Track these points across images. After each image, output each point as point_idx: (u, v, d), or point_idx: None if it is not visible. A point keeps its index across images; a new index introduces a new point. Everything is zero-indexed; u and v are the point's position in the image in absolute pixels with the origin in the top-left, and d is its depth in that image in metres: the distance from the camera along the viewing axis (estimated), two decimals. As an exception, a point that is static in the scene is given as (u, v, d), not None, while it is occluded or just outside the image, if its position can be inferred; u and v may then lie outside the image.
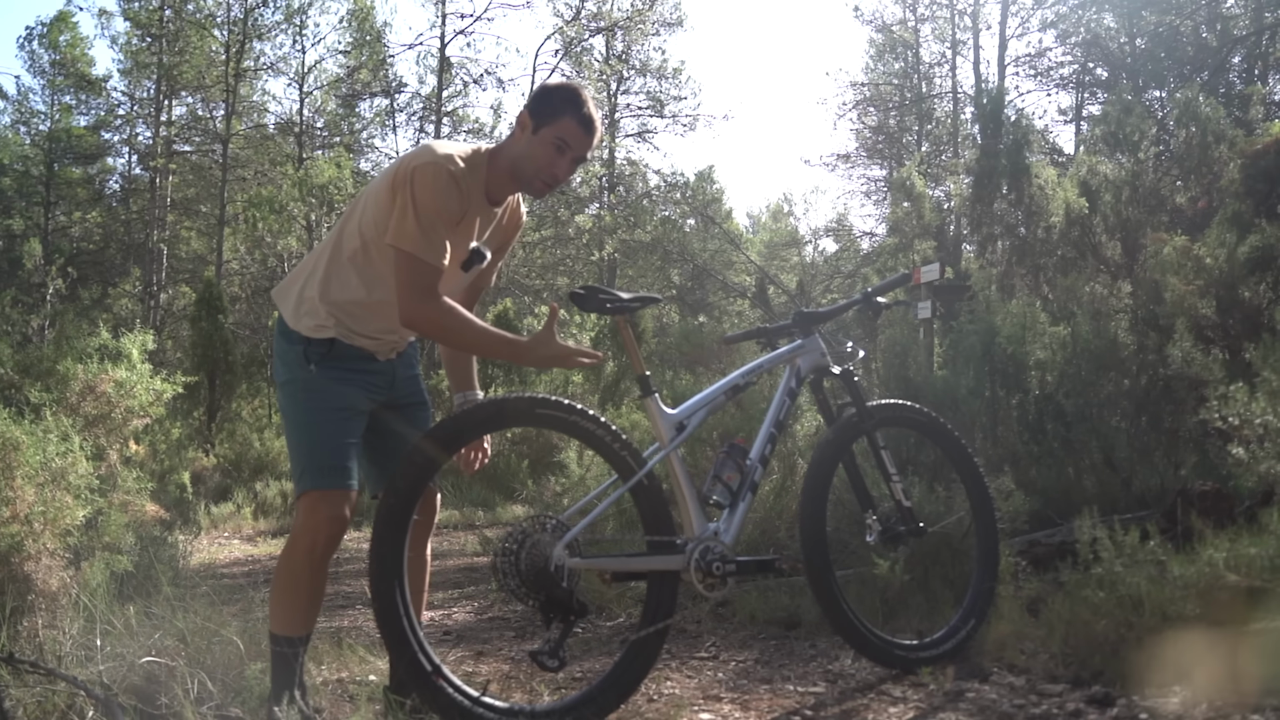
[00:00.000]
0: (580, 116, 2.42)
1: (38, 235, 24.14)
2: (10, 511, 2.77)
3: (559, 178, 2.47)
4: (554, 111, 2.42)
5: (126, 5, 23.00)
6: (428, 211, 2.29)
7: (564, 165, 2.45)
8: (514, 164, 2.45)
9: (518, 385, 11.88)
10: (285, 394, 2.47)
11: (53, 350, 5.08)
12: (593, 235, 23.68)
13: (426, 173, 2.30)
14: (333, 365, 2.43)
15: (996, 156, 7.27)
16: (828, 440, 2.97)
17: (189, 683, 2.62)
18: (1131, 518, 3.67)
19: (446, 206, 2.32)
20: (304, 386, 2.42)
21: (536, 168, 2.44)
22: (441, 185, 2.30)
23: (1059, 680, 2.67)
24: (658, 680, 3.02)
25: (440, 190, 2.30)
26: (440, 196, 2.30)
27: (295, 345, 2.44)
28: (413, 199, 2.29)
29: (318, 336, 2.43)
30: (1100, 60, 20.66)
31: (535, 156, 2.43)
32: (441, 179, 2.30)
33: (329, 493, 2.36)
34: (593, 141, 2.47)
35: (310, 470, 2.37)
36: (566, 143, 2.42)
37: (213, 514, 8.67)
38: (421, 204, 2.28)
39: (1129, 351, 4.88)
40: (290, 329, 2.46)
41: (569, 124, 2.42)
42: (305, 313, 2.45)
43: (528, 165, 2.44)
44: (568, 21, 23.67)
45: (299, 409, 2.43)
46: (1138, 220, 6.07)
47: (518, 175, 2.47)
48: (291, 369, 2.45)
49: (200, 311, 12.49)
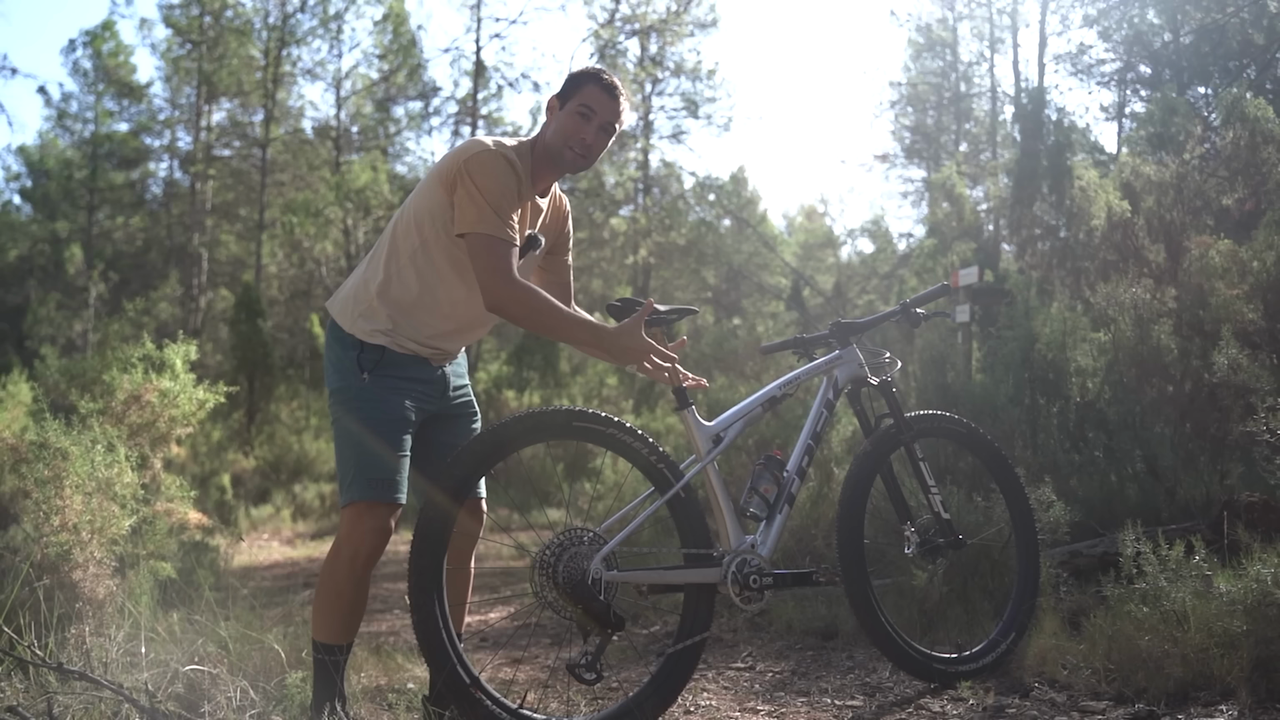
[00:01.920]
0: (601, 83, 2.50)
1: (81, 239, 24.56)
2: (59, 520, 2.82)
3: (589, 144, 2.51)
4: (576, 85, 2.51)
5: (167, 13, 23.34)
6: (493, 194, 2.35)
7: (591, 131, 2.50)
8: (548, 145, 2.51)
9: (553, 389, 11.92)
10: (337, 401, 2.47)
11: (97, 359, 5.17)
12: (628, 238, 23.69)
13: (484, 159, 2.37)
14: (386, 374, 2.43)
15: (1037, 157, 7.20)
16: (865, 452, 2.95)
17: (231, 691, 2.66)
18: (1176, 529, 3.61)
19: (509, 186, 2.39)
20: (357, 395, 2.42)
21: (565, 137, 2.49)
22: (501, 168, 2.38)
23: (1102, 697, 2.64)
24: (694, 691, 3.02)
25: (500, 172, 2.37)
26: (501, 177, 2.37)
27: (350, 351, 2.45)
28: (475, 185, 2.35)
29: (371, 342, 2.44)
30: (1143, 57, 20.34)
31: (564, 128, 2.49)
32: (500, 163, 2.38)
33: (376, 505, 2.38)
34: (618, 106, 2.52)
35: (359, 482, 2.38)
36: (591, 109, 2.48)
37: (252, 516, 8.79)
38: (485, 188, 2.34)
39: (1173, 357, 4.80)
40: (345, 333, 2.48)
41: (591, 90, 2.49)
42: (361, 314, 2.47)
43: (558, 139, 2.49)
44: (602, 24, 23.70)
45: (351, 419, 2.43)
46: (1182, 223, 5.97)
47: (552, 154, 2.51)
48: (345, 376, 2.45)
49: (239, 314, 12.67)
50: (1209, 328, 4.77)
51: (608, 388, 13.26)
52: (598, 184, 23.90)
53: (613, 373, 14.30)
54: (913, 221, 26.56)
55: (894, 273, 21.46)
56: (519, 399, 10.90)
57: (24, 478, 3.12)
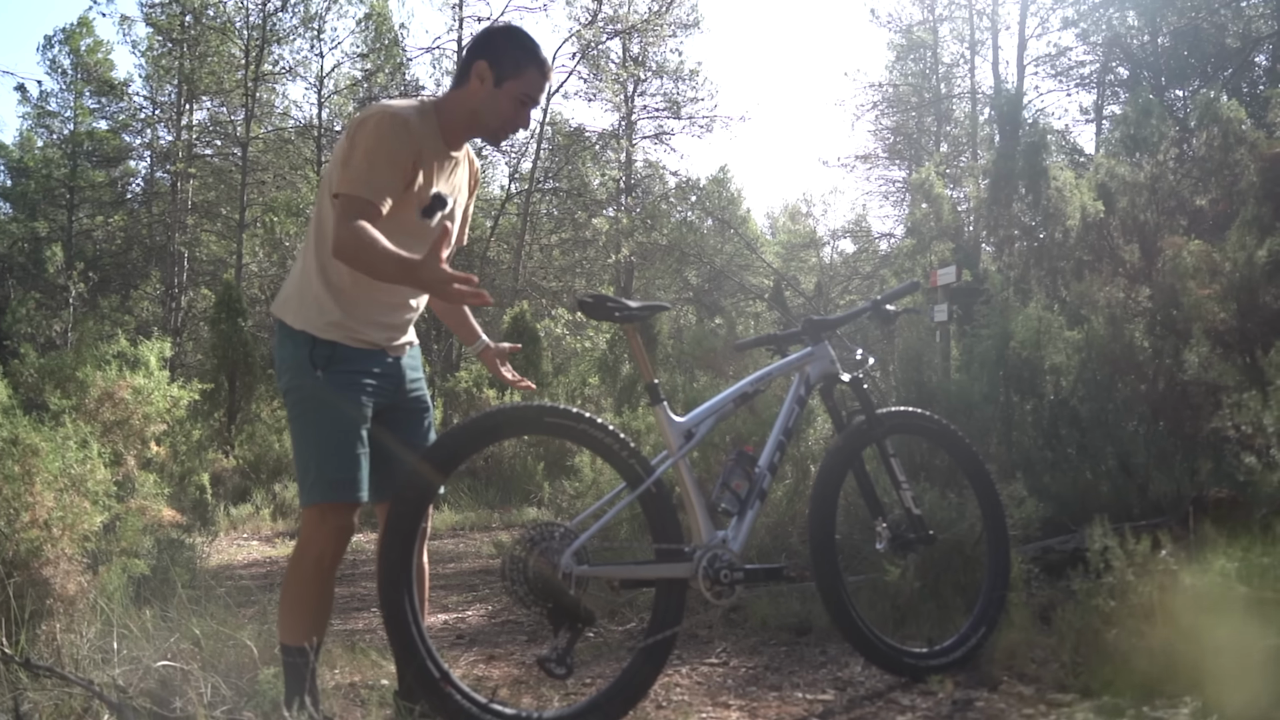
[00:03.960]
0: (542, 68, 2.47)
1: (61, 238, 24.38)
2: (30, 516, 2.81)
3: (523, 128, 2.52)
4: (516, 65, 2.42)
5: (148, 11, 23.21)
6: (370, 154, 2.26)
7: (526, 116, 2.49)
8: (474, 115, 2.45)
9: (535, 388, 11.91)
10: (292, 401, 2.44)
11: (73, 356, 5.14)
12: (610, 238, 23.70)
13: (370, 121, 2.30)
14: (340, 370, 2.39)
15: (1013, 159, 7.23)
16: (837, 448, 2.97)
17: (203, 687, 2.66)
18: (1146, 525, 3.65)
19: (395, 147, 2.29)
20: (311, 394, 2.38)
21: (502, 122, 2.46)
22: (385, 128, 2.29)
23: (1069, 690, 2.66)
24: (667, 686, 3.03)
25: (384, 132, 2.28)
26: (387, 139, 2.28)
27: (301, 348, 2.39)
28: (353, 144, 2.29)
29: (324, 337, 2.39)
30: (1122, 59, 20.51)
31: (501, 112, 2.44)
32: (385, 122, 2.29)
33: (337, 505, 2.37)
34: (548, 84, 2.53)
35: (319, 483, 2.36)
36: (531, 97, 2.46)
37: (232, 515, 8.74)
38: (361, 147, 2.27)
39: (1146, 356, 4.85)
40: (296, 331, 2.41)
41: (533, 77, 2.45)
42: (310, 306, 2.41)
43: (491, 119, 2.46)
44: (584, 25, 23.71)
45: (306, 419, 2.39)
46: (1156, 224, 6.03)
47: (478, 125, 2.48)
48: (297, 375, 2.40)
49: (220, 314, 12.59)
50: (1181, 327, 4.83)
51: (589, 387, 13.27)
52: (580, 184, 23.90)
53: (594, 372, 14.30)
54: (894, 222, 26.68)
55: (875, 273, 21.57)
56: (500, 398, 10.88)
57: (-6, 474, 3.11)
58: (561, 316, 18.79)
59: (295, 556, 2.44)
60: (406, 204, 2.38)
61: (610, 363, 14.26)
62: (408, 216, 2.40)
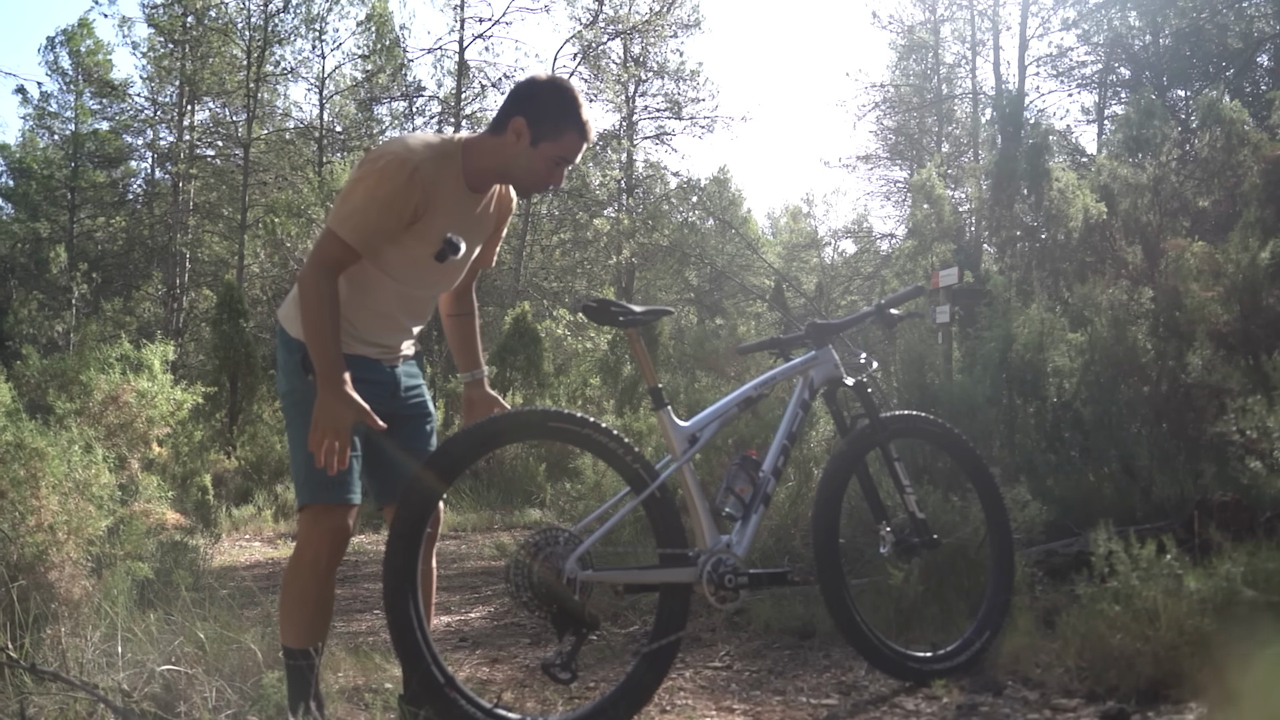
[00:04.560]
0: (582, 131, 2.40)
1: (62, 239, 24.38)
2: (35, 521, 2.81)
3: (555, 186, 2.49)
4: (557, 129, 2.37)
5: (150, 11, 23.22)
6: (367, 194, 2.25)
7: (559, 175, 2.45)
8: (506, 169, 2.41)
9: (536, 389, 11.91)
10: (286, 405, 2.46)
11: (76, 360, 5.14)
12: (611, 238, 23.70)
13: (380, 162, 2.26)
14: None
15: (1015, 160, 7.23)
16: (840, 452, 2.97)
17: (208, 691, 2.66)
18: (1150, 528, 3.65)
19: (390, 199, 2.25)
20: (304, 397, 2.37)
21: (535, 180, 2.43)
22: (390, 173, 2.24)
23: (1074, 695, 2.66)
24: (671, 690, 3.03)
25: (387, 178, 2.24)
26: (386, 184, 2.24)
27: (294, 354, 2.41)
28: (357, 182, 2.27)
29: None
30: (1123, 60, 20.50)
31: (535, 170, 2.41)
32: (391, 168, 2.25)
33: (330, 507, 2.37)
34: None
35: (311, 484, 2.36)
36: (568, 160, 2.42)
37: (234, 516, 8.74)
38: (362, 187, 2.25)
39: (1149, 358, 4.85)
40: (291, 338, 2.43)
41: (572, 141, 2.40)
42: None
43: (525, 176, 2.43)
44: (586, 25, 23.71)
45: (299, 422, 2.38)
46: (1158, 225, 6.03)
47: (509, 178, 2.46)
48: (291, 379, 2.42)
49: (222, 314, 12.59)
50: (1184, 329, 4.83)
51: (591, 388, 13.27)
52: (581, 185, 23.89)
53: (596, 373, 14.30)
54: (895, 222, 26.66)
55: (876, 273, 21.56)
56: (502, 399, 10.88)
57: (-1, 478, 3.11)
58: (563, 317, 18.79)
59: (293, 559, 2.44)
60: (410, 242, 2.36)
61: (611, 364, 14.26)
62: (420, 254, 2.39)
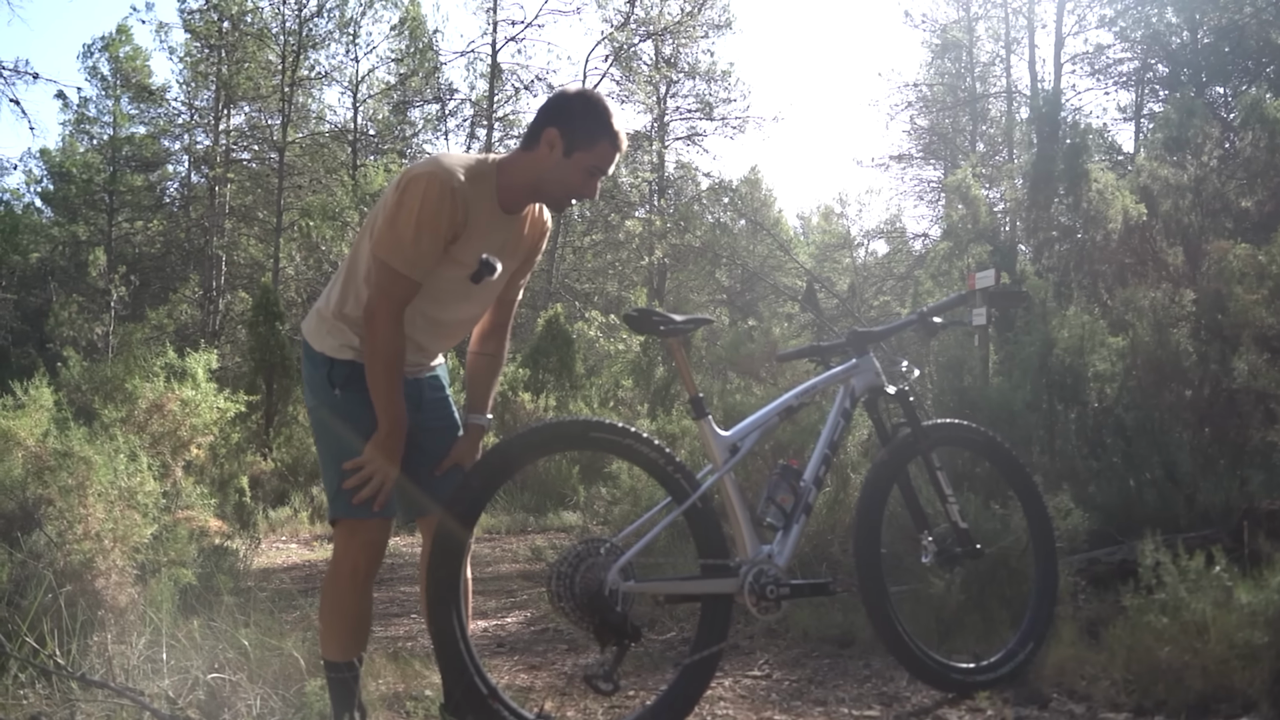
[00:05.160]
0: (615, 141, 2.38)
1: (101, 242, 24.75)
2: (82, 529, 2.85)
3: (589, 198, 2.47)
4: (590, 138, 2.36)
5: (187, 18, 23.52)
6: (415, 219, 2.24)
7: (593, 187, 2.43)
8: (540, 182, 2.40)
9: (569, 390, 11.93)
10: (315, 420, 2.46)
11: (120, 366, 5.22)
12: (643, 240, 23.71)
13: (420, 184, 2.25)
14: (358, 388, 2.37)
15: (1053, 160, 7.14)
16: (882, 461, 2.95)
17: (251, 698, 2.68)
18: (1195, 536, 3.58)
19: (435, 220, 2.25)
20: (332, 412, 2.39)
21: (568, 191, 2.41)
22: (433, 197, 2.24)
23: (1121, 709, 2.62)
24: (710, 699, 3.02)
25: (430, 202, 2.24)
26: (429, 205, 2.24)
27: (320, 368, 2.41)
28: (400, 208, 2.26)
29: (340, 358, 2.39)
30: (1161, 57, 20.21)
31: (568, 181, 2.39)
32: (433, 191, 2.24)
33: (364, 521, 2.37)
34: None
35: (344, 498, 2.35)
36: (601, 170, 2.40)
37: (270, 518, 8.84)
38: (407, 213, 2.24)
39: (1191, 362, 4.77)
40: (315, 352, 2.43)
41: (605, 150, 2.38)
42: (328, 332, 2.42)
43: (558, 188, 2.41)
44: (617, 27, 23.75)
45: (329, 435, 2.40)
46: (1200, 226, 5.93)
47: (543, 193, 2.44)
48: (319, 394, 2.42)
49: (258, 317, 12.73)
50: (1228, 332, 4.75)
51: (623, 389, 13.27)
52: (613, 186, 23.91)
53: (628, 374, 14.30)
54: (929, 222, 26.45)
55: (910, 274, 21.38)
56: (535, 401, 10.90)
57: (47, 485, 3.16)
58: (595, 319, 18.81)
59: (330, 572, 2.45)
60: (445, 264, 2.35)
61: (644, 366, 14.26)
62: (453, 276, 2.38)
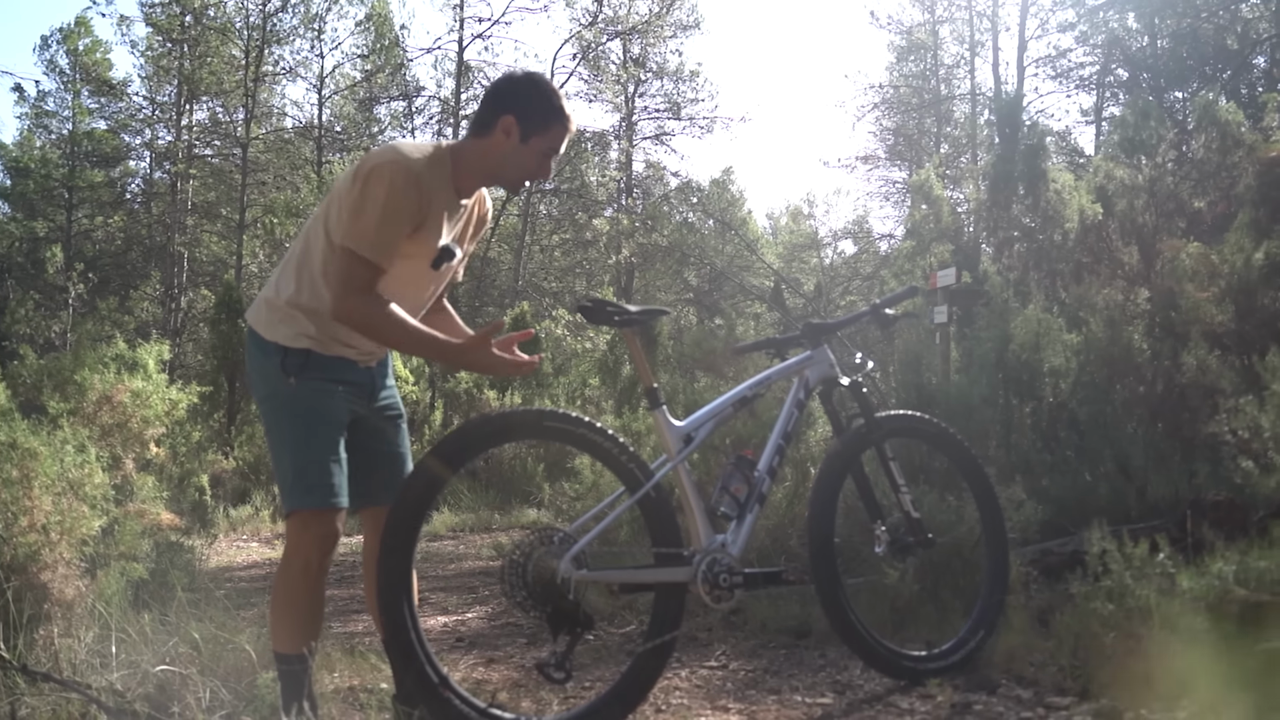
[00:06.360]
0: (566, 122, 2.44)
1: (60, 239, 24.38)
2: (27, 521, 2.81)
3: (544, 179, 2.51)
4: (544, 122, 2.40)
5: (148, 11, 23.22)
6: (379, 210, 2.24)
7: (549, 168, 2.48)
8: (497, 168, 2.43)
9: (535, 388, 11.91)
10: (266, 410, 2.42)
11: (71, 359, 5.14)
12: (610, 238, 23.71)
13: (385, 171, 2.26)
14: (312, 377, 2.36)
15: (1013, 161, 7.23)
16: (835, 452, 2.97)
17: (201, 692, 2.66)
18: (1144, 527, 3.65)
19: (402, 206, 2.27)
20: (285, 402, 2.36)
21: (525, 174, 2.46)
22: (400, 185, 2.25)
23: (1067, 693, 2.67)
24: (666, 689, 3.03)
25: (398, 190, 2.25)
26: (396, 196, 2.25)
27: (272, 358, 2.38)
28: (366, 197, 2.25)
29: (295, 346, 2.37)
30: (1121, 61, 20.52)
31: (525, 165, 2.43)
32: (399, 179, 2.25)
33: (318, 512, 2.35)
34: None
35: (297, 489, 2.34)
36: (555, 150, 2.45)
37: (231, 517, 8.74)
38: (374, 202, 2.24)
39: (1144, 358, 4.86)
40: (266, 341, 2.40)
41: (558, 132, 2.43)
42: (280, 320, 2.39)
43: (515, 172, 2.45)
44: (585, 26, 23.73)
45: (281, 426, 2.38)
46: (1154, 226, 6.03)
47: (500, 177, 2.47)
48: (270, 383, 2.39)
49: (220, 314, 12.58)
50: (1179, 329, 4.84)
51: (590, 388, 13.27)
52: (580, 185, 23.91)
53: (595, 373, 14.29)
54: (894, 223, 26.68)
55: (876, 274, 21.57)
56: (500, 399, 10.88)
57: (-8, 478, 3.11)
58: (562, 317, 18.80)
59: (283, 565, 2.42)
60: (406, 251, 2.35)
61: (610, 364, 14.25)
62: (412, 263, 2.39)
